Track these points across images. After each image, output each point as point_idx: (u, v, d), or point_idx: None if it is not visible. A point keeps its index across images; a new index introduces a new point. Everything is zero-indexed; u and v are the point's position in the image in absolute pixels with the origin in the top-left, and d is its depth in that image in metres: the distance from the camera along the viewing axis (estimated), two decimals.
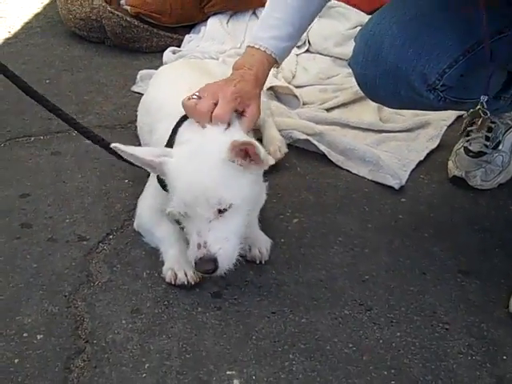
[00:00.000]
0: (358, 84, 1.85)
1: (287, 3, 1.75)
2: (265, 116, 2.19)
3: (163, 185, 1.69)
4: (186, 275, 1.62)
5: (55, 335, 1.48)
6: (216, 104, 1.60)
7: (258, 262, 1.71)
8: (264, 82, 1.75)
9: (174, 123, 1.67)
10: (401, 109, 2.20)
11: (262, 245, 1.73)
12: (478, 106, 1.68)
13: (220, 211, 1.50)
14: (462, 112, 2.33)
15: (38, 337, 1.48)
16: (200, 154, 1.53)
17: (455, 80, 1.71)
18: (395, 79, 1.71)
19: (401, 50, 1.68)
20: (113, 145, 1.59)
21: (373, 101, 1.94)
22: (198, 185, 1.49)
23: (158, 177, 1.70)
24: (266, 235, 1.76)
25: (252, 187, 1.58)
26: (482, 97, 1.67)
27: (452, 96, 1.76)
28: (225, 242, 1.52)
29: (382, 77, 1.73)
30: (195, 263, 1.52)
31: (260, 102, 1.71)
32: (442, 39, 1.67)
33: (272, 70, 2.68)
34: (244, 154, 1.53)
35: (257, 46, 1.73)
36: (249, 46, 1.76)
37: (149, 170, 1.66)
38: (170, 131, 1.67)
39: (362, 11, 3.12)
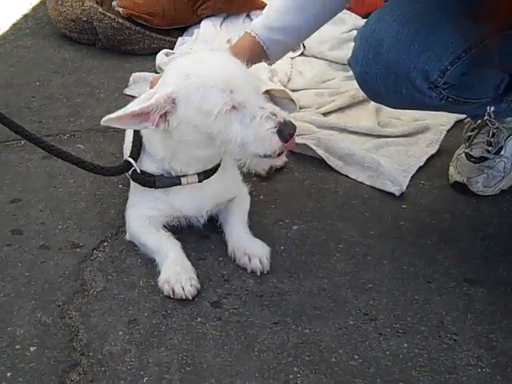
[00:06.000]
0: (359, 83, 1.81)
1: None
2: None
3: (140, 182, 1.66)
4: (184, 289, 1.56)
5: (49, 347, 1.42)
6: None
7: (259, 273, 1.65)
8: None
9: None
10: (402, 109, 2.15)
11: (263, 254, 1.67)
12: (486, 117, 1.65)
13: None
14: (462, 116, 2.32)
15: (31, 349, 1.42)
16: (207, 55, 1.58)
17: (457, 78, 1.68)
18: (396, 77, 1.68)
19: (402, 47, 1.65)
20: (104, 119, 1.50)
21: (373, 100, 1.91)
22: (235, 67, 1.49)
23: (132, 176, 1.68)
24: (262, 242, 1.70)
25: None
26: (488, 107, 1.64)
27: (454, 95, 1.73)
28: None
29: (383, 75, 1.70)
30: (281, 129, 1.46)
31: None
32: (444, 36, 1.64)
33: (267, 73, 2.70)
34: None
35: (248, 31, 1.79)
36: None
37: (146, 126, 1.52)
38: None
39: (358, 15, 3.08)
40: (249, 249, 1.66)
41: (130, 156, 1.67)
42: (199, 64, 1.51)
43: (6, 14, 3.35)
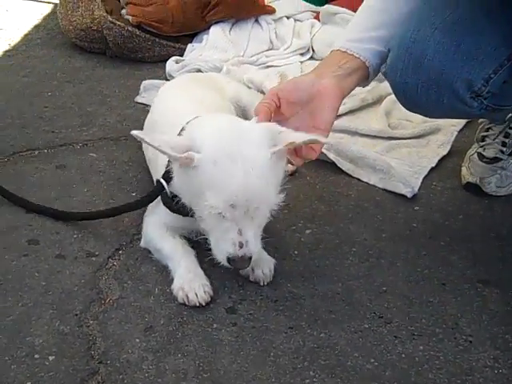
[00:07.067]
0: (396, 94, 1.75)
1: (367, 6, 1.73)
2: None
3: (170, 207, 1.64)
4: (197, 296, 1.58)
5: (67, 356, 1.44)
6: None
7: (261, 283, 1.65)
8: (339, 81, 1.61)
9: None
10: (438, 118, 2.13)
11: (265, 265, 1.67)
12: None
13: None
14: None
15: (50, 358, 1.43)
16: (242, 153, 1.46)
17: (499, 86, 1.65)
18: (439, 87, 1.63)
19: (445, 57, 1.60)
20: (133, 132, 1.48)
21: (410, 110, 1.83)
22: (250, 190, 1.44)
23: (163, 199, 1.66)
24: (268, 255, 1.70)
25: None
26: None
27: (493, 103, 1.69)
28: (257, 238, 1.52)
29: (424, 85, 1.64)
30: (232, 260, 1.49)
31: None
32: (487, 43, 1.61)
33: (276, 77, 2.71)
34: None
35: (335, 48, 1.67)
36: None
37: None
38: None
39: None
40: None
41: (163, 176, 1.65)
42: (233, 157, 1.45)
43: (17, 24, 3.38)
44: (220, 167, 1.46)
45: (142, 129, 2.08)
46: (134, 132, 1.48)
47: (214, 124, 1.58)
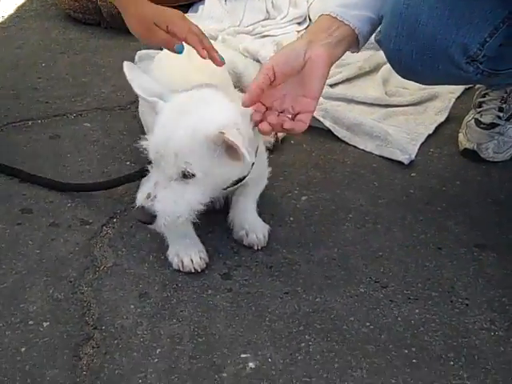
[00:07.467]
0: (390, 61, 1.71)
1: None
2: None
3: None
4: (192, 262, 1.57)
5: (62, 322, 1.43)
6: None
7: (255, 247, 1.65)
8: (330, 47, 1.55)
9: None
10: (434, 85, 2.09)
11: (259, 230, 1.67)
12: None
13: (184, 176, 1.44)
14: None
15: (45, 324, 1.43)
16: (189, 117, 1.46)
17: (494, 50, 1.61)
18: (434, 53, 1.59)
19: (439, 22, 1.55)
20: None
21: (405, 78, 1.79)
22: (173, 144, 1.43)
23: None
24: (262, 221, 1.70)
25: (224, 169, 1.49)
26: None
27: (489, 68, 1.65)
28: (173, 204, 1.46)
29: (419, 51, 1.60)
30: (136, 208, 1.46)
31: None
32: (481, 6, 1.56)
33: (272, 46, 2.68)
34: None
35: (325, 13, 1.58)
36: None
37: None
38: None
39: None
40: (248, 224, 1.66)
41: None
42: (180, 113, 1.47)
43: None
44: (165, 116, 1.48)
45: (137, 99, 2.06)
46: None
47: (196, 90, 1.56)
